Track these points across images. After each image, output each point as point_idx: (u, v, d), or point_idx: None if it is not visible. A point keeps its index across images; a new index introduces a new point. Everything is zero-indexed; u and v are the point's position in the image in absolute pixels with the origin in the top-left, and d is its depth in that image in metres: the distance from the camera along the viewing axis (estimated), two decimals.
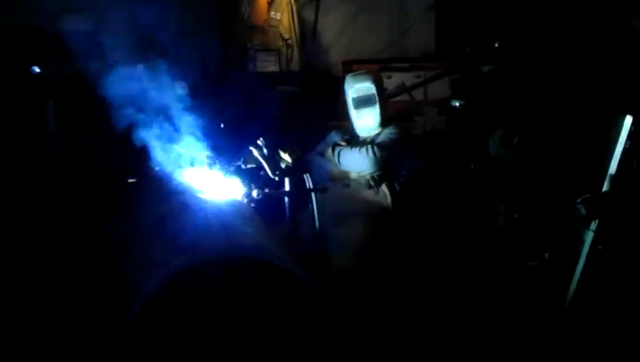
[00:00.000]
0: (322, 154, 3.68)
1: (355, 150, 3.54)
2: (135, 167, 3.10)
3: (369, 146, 3.50)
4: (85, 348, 2.67)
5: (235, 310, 2.15)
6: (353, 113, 3.69)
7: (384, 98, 3.75)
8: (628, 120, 2.71)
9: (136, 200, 2.99)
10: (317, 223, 3.07)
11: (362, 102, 3.64)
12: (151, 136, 2.90)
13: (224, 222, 2.57)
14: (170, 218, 2.60)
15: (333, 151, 3.62)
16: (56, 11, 4.88)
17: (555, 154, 3.65)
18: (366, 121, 3.68)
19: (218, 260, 2.16)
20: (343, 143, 3.67)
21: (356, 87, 3.65)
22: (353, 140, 3.72)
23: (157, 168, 2.92)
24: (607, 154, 2.80)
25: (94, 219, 3.83)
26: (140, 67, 2.99)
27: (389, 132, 3.62)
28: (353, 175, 3.59)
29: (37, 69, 4.64)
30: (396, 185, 3.54)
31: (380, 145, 3.51)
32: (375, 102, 3.62)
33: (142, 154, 2.92)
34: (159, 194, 2.84)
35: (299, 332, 2.24)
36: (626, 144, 2.72)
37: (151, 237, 2.52)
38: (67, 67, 4.88)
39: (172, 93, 2.98)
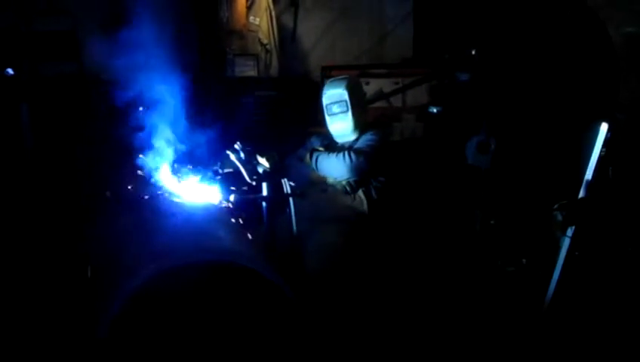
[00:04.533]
0: (301, 159, 3.67)
1: (332, 155, 3.53)
2: (111, 172, 3.06)
3: (346, 152, 3.49)
4: (57, 354, 2.63)
5: (207, 315, 2.13)
6: (327, 119, 3.69)
7: (363, 104, 3.75)
8: (603, 127, 2.74)
9: (111, 204, 2.95)
10: (294, 228, 3.06)
11: (334, 108, 3.64)
12: (127, 142, 2.86)
13: (197, 228, 2.55)
14: (144, 223, 2.57)
15: (311, 156, 3.61)
16: (31, 12, 4.81)
17: (531, 160, 3.68)
18: (338, 127, 3.67)
19: (188, 265, 2.13)
20: (321, 148, 3.66)
21: (329, 94, 3.65)
22: (332, 145, 3.71)
23: (133, 173, 2.88)
24: (583, 161, 2.83)
25: (67, 223, 3.77)
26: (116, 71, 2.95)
27: (367, 138, 3.60)
28: (330, 180, 3.58)
29: (11, 71, 4.56)
30: (373, 191, 3.53)
31: (357, 151, 3.50)
32: (347, 110, 3.60)
33: (118, 159, 2.89)
34: (134, 200, 2.81)
35: (274, 336, 2.22)
36: (601, 151, 2.75)
37: (123, 243, 2.48)
38: (42, 69, 4.83)
39: (149, 97, 2.95)
